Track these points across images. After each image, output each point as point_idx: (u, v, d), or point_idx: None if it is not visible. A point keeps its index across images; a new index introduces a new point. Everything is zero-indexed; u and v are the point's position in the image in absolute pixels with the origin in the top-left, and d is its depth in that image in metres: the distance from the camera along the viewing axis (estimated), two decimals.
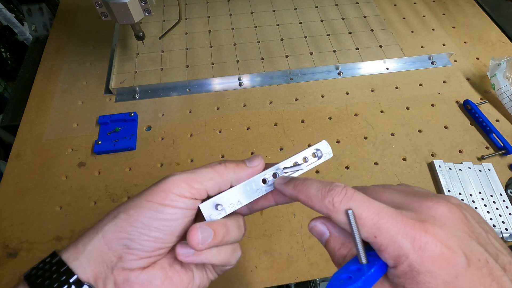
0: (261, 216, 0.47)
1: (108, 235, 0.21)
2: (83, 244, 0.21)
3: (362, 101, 0.60)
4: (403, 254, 0.16)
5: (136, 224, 0.21)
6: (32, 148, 0.54)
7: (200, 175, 0.23)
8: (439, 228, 0.17)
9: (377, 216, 0.17)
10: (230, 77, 0.62)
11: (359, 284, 0.16)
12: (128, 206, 0.22)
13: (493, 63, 0.59)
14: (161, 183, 0.22)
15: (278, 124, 0.57)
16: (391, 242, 0.17)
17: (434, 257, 0.16)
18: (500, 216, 0.46)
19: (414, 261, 0.16)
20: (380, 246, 0.17)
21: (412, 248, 0.16)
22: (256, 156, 0.26)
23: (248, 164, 0.25)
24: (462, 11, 0.75)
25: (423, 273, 0.16)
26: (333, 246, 0.20)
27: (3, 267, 0.43)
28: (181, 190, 0.22)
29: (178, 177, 0.22)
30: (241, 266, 0.43)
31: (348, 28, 0.71)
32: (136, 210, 0.22)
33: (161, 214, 0.21)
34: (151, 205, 0.22)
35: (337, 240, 0.20)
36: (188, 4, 0.76)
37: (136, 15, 0.52)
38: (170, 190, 0.22)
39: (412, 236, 0.16)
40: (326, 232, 0.21)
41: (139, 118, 0.57)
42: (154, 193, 0.22)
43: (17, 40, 0.86)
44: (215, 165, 0.24)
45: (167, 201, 0.22)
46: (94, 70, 0.65)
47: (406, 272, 0.16)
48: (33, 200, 0.49)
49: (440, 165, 0.50)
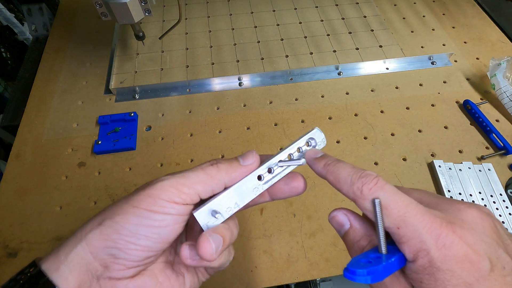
0: (261, 216, 0.47)
1: (93, 243, 0.20)
2: (65, 253, 0.20)
3: (362, 101, 0.60)
4: (424, 249, 0.16)
5: (123, 232, 0.20)
6: (32, 148, 0.54)
7: (190, 179, 0.21)
8: (467, 231, 0.17)
9: (404, 209, 0.17)
10: (230, 77, 0.62)
11: (379, 269, 0.16)
12: (113, 212, 0.20)
13: (493, 63, 0.59)
14: (148, 188, 0.21)
15: (278, 124, 0.57)
16: (414, 236, 0.17)
17: (457, 257, 0.16)
18: (500, 216, 0.46)
19: (435, 257, 0.16)
20: (402, 238, 0.17)
21: (435, 245, 0.16)
22: (250, 152, 0.24)
23: (242, 163, 0.23)
24: (462, 11, 0.75)
25: (444, 271, 0.16)
26: (353, 237, 0.20)
27: (3, 267, 0.43)
28: (170, 196, 0.20)
29: (167, 182, 0.21)
30: (241, 266, 0.43)
31: (348, 28, 0.71)
32: (122, 216, 0.20)
33: (149, 220, 0.20)
34: (138, 211, 0.20)
35: (357, 232, 0.20)
36: (188, 4, 0.76)
37: (136, 15, 0.52)
38: (158, 196, 0.20)
39: (438, 233, 0.16)
40: (347, 223, 0.21)
41: (139, 118, 0.57)
42: (141, 199, 0.20)
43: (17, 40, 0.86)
44: (206, 166, 0.22)
45: (156, 207, 0.20)
46: (94, 70, 0.65)
47: (425, 267, 0.16)
48: (33, 200, 0.49)
49: (440, 165, 0.50)
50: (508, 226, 0.45)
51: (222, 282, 0.42)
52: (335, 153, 0.53)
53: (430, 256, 0.16)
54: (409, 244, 0.17)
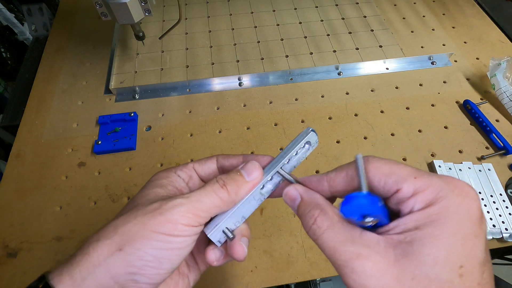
0: (261, 216, 0.47)
1: (114, 270, 0.20)
2: (82, 276, 0.19)
3: (362, 101, 0.60)
4: (441, 197, 0.17)
5: (147, 258, 0.20)
6: (32, 148, 0.54)
7: (205, 204, 0.22)
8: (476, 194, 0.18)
9: (415, 171, 0.19)
10: (230, 77, 0.62)
11: (366, 196, 0.17)
12: (131, 236, 0.20)
13: (493, 63, 0.59)
14: (166, 212, 0.21)
15: (278, 124, 0.57)
16: (430, 186, 0.17)
17: (471, 208, 0.17)
18: (500, 216, 0.46)
19: (452, 203, 0.17)
20: (418, 189, 0.18)
21: (451, 193, 0.17)
22: (253, 166, 0.24)
23: (248, 179, 0.24)
24: (462, 11, 0.75)
25: (452, 219, 0.16)
26: (304, 209, 0.21)
27: (3, 267, 0.43)
28: (189, 221, 0.21)
29: (185, 208, 0.21)
30: (241, 266, 0.43)
31: (348, 28, 0.71)
32: (143, 242, 0.20)
33: (172, 244, 0.21)
34: (160, 237, 0.20)
35: (309, 202, 0.22)
36: (188, 4, 0.76)
37: (136, 15, 0.52)
38: (178, 221, 0.21)
39: (454, 185, 0.18)
40: (298, 197, 0.22)
41: (139, 118, 0.57)
42: (160, 223, 0.20)
43: (17, 40, 0.86)
44: (218, 189, 0.23)
45: (177, 232, 0.21)
46: (94, 70, 0.65)
47: (438, 214, 0.17)
48: (33, 200, 0.49)
49: (440, 165, 0.50)
50: (508, 226, 0.45)
51: (222, 282, 0.42)
52: (335, 153, 0.53)
53: (446, 202, 0.17)
54: (426, 193, 0.17)
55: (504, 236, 0.45)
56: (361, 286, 0.17)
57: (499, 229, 0.45)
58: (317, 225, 0.20)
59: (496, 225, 0.45)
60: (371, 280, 0.16)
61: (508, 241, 0.45)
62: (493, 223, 0.45)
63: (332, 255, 0.19)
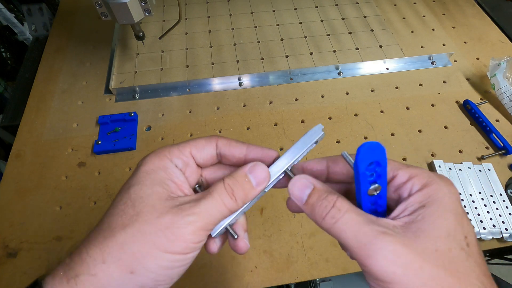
0: (261, 216, 0.47)
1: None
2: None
3: (362, 101, 0.60)
4: (432, 181, 0.19)
5: (159, 278, 0.20)
6: (32, 148, 0.54)
7: (215, 217, 0.22)
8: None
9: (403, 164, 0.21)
10: (230, 77, 0.62)
11: (377, 143, 0.19)
12: (142, 259, 0.19)
13: (493, 63, 0.59)
14: (178, 232, 0.20)
15: (278, 124, 0.57)
16: (421, 172, 0.20)
17: (454, 191, 0.19)
18: (500, 216, 0.46)
19: (440, 186, 0.19)
20: (412, 174, 0.20)
21: (437, 178, 0.20)
22: (261, 170, 0.23)
23: (256, 186, 0.23)
24: (462, 11, 0.75)
25: (446, 197, 0.19)
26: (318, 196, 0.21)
27: (3, 267, 0.43)
28: (201, 238, 0.21)
29: (197, 226, 0.20)
30: (241, 266, 0.43)
31: (348, 28, 0.71)
32: (155, 264, 0.19)
33: (183, 261, 0.21)
34: (172, 257, 0.20)
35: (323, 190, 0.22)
36: (188, 4, 0.76)
37: (136, 15, 0.52)
38: (190, 241, 0.20)
39: (435, 173, 0.20)
40: (310, 186, 0.22)
41: (139, 118, 0.57)
42: (172, 244, 0.20)
43: (17, 40, 0.86)
44: (226, 199, 0.22)
45: (189, 250, 0.20)
46: (94, 70, 0.65)
47: (432, 196, 0.19)
48: (33, 200, 0.49)
49: (440, 165, 0.50)
50: (508, 226, 0.45)
51: (222, 282, 0.42)
52: (335, 153, 0.53)
53: (437, 185, 0.19)
54: (420, 177, 0.20)
55: (504, 236, 0.45)
56: (389, 264, 0.17)
57: (499, 229, 0.45)
58: (337, 208, 0.20)
59: (496, 225, 0.45)
60: (398, 257, 0.17)
61: (508, 241, 0.45)
62: (493, 223, 0.45)
63: (354, 236, 0.18)
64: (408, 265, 0.17)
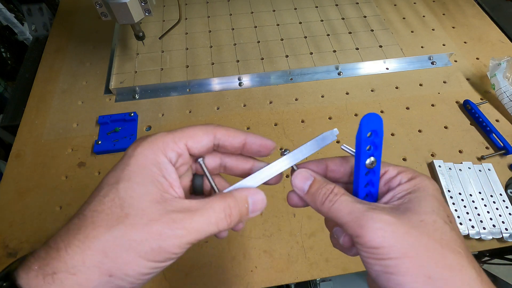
0: (261, 216, 0.47)
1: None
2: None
3: (362, 101, 0.60)
4: (417, 175, 0.22)
5: (137, 282, 0.19)
6: (32, 148, 0.54)
7: (204, 233, 0.21)
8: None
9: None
10: (230, 77, 0.62)
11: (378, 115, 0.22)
12: (123, 265, 0.19)
13: (493, 63, 0.59)
14: (164, 245, 0.19)
15: (278, 124, 0.57)
16: (408, 169, 0.23)
17: (436, 185, 0.22)
18: (500, 216, 0.46)
19: (424, 179, 0.22)
20: (399, 170, 0.23)
21: (420, 174, 0.23)
22: (262, 201, 0.23)
23: (251, 213, 0.23)
24: (462, 11, 0.75)
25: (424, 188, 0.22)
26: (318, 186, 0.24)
27: (3, 267, 0.43)
28: (184, 250, 0.20)
29: (185, 240, 0.20)
30: (241, 266, 0.43)
31: (348, 28, 0.71)
32: (135, 271, 0.19)
33: (163, 267, 0.20)
34: (154, 265, 0.19)
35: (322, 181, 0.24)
36: (188, 4, 0.76)
37: (136, 15, 0.52)
38: (175, 252, 0.20)
39: (423, 174, 0.23)
40: (311, 178, 0.24)
41: (139, 118, 0.57)
42: (157, 255, 0.19)
43: (17, 40, 0.86)
44: (221, 221, 0.21)
45: (172, 259, 0.20)
46: (94, 70, 0.65)
47: (417, 185, 0.22)
48: (33, 200, 0.49)
49: (440, 165, 0.50)
50: (508, 226, 0.45)
51: (222, 282, 0.42)
52: (335, 153, 0.53)
53: (421, 178, 0.22)
54: (407, 172, 0.23)
55: (504, 236, 0.45)
56: (379, 230, 0.19)
57: (499, 229, 0.45)
58: (334, 193, 0.22)
59: (496, 225, 0.45)
60: (387, 225, 0.19)
61: (508, 241, 0.45)
62: (493, 223, 0.45)
63: (349, 212, 0.21)
64: (395, 231, 0.19)
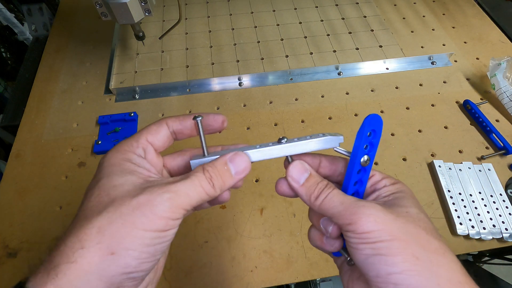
0: (261, 216, 0.47)
1: (110, 273, 0.19)
2: (74, 286, 0.18)
3: (362, 101, 0.60)
4: (398, 181, 0.25)
5: (142, 256, 0.20)
6: (32, 148, 0.54)
7: (193, 198, 0.21)
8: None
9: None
10: (230, 77, 0.62)
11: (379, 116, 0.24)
12: (122, 239, 0.19)
13: (493, 63, 0.59)
14: (155, 209, 0.20)
15: (278, 124, 0.57)
16: (390, 176, 0.26)
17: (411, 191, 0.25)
18: (500, 216, 0.46)
19: (404, 185, 0.25)
20: (383, 176, 0.25)
21: (400, 181, 0.25)
22: (241, 160, 0.24)
23: (235, 175, 0.24)
24: (462, 11, 0.75)
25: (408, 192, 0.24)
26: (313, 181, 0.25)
27: (3, 267, 0.43)
28: (178, 215, 0.21)
29: (175, 203, 0.20)
30: (241, 266, 0.43)
31: (348, 28, 0.71)
32: (136, 243, 0.19)
33: (164, 238, 0.21)
34: (152, 234, 0.20)
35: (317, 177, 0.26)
36: (188, 4, 0.76)
37: (136, 15, 0.52)
38: (169, 217, 0.20)
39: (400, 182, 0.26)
40: (308, 172, 0.25)
41: (139, 118, 0.57)
42: (151, 222, 0.20)
43: (17, 40, 0.86)
44: (204, 183, 0.22)
45: (168, 227, 0.20)
46: (94, 70, 0.65)
47: (399, 188, 0.24)
48: (33, 200, 0.49)
49: (440, 165, 0.50)
50: (508, 226, 0.45)
51: (222, 282, 0.42)
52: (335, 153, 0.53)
53: (401, 184, 0.25)
54: (389, 179, 0.25)
55: (504, 236, 0.45)
56: (369, 217, 0.21)
57: (499, 229, 0.45)
58: (328, 187, 0.24)
59: (496, 225, 0.45)
60: (376, 212, 0.21)
61: (508, 241, 0.45)
62: (493, 223, 0.45)
63: (340, 203, 0.22)
64: (384, 218, 0.21)
